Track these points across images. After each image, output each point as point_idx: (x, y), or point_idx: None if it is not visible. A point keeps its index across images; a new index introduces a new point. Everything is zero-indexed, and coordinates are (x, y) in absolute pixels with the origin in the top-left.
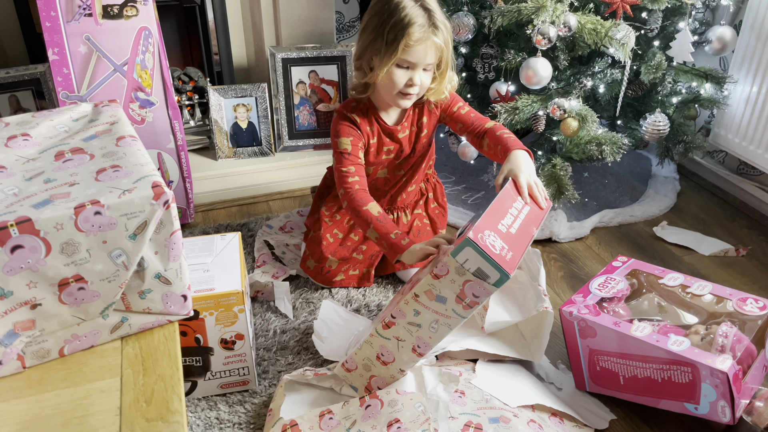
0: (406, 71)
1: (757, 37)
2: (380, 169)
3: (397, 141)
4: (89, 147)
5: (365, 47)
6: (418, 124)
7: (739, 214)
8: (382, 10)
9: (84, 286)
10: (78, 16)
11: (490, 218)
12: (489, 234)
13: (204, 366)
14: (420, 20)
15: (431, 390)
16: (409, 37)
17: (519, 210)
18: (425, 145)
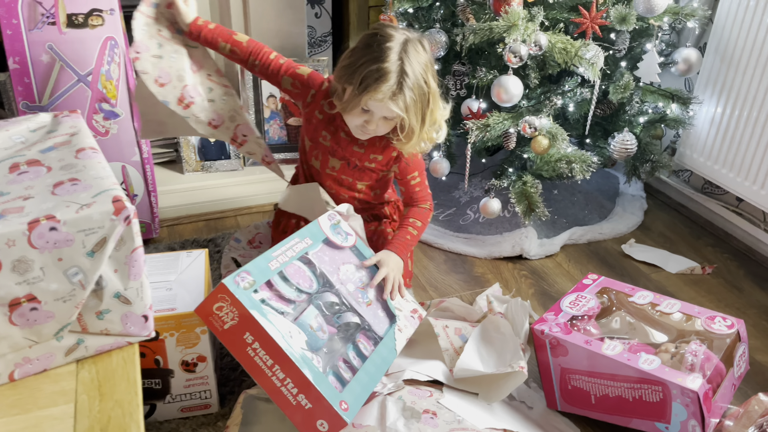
0: (364, 114)
1: (721, 59)
2: (314, 158)
3: (338, 136)
4: (46, 159)
5: (344, 73)
6: (370, 154)
7: (704, 232)
8: (370, 47)
9: (37, 306)
10: (41, 24)
11: None
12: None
13: (164, 389)
14: (391, 80)
15: (391, 423)
16: (375, 93)
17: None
18: (366, 173)
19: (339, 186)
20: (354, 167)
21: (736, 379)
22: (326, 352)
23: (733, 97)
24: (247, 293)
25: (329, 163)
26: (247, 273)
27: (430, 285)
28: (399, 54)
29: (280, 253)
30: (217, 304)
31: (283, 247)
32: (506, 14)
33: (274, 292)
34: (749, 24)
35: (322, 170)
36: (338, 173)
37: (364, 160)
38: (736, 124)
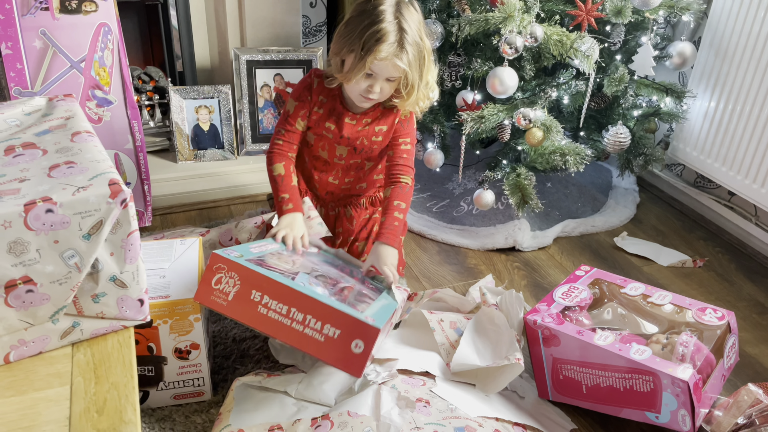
0: (368, 78)
1: (715, 53)
2: (321, 149)
3: (340, 124)
4: (42, 142)
5: (343, 43)
6: (375, 126)
7: (696, 226)
8: (365, 12)
9: (33, 288)
10: (34, 9)
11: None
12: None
13: (157, 376)
14: (391, 38)
15: (385, 412)
16: (378, 53)
17: (304, 321)
18: (373, 151)
19: (345, 173)
20: (361, 151)
21: (726, 370)
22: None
23: (726, 92)
24: (240, 258)
25: (336, 152)
26: (232, 250)
27: (423, 276)
28: (394, 14)
29: (256, 245)
30: (216, 276)
31: (257, 243)
32: (502, 5)
33: (264, 265)
34: (744, 18)
35: (330, 160)
36: (346, 160)
37: (371, 134)
38: (729, 119)
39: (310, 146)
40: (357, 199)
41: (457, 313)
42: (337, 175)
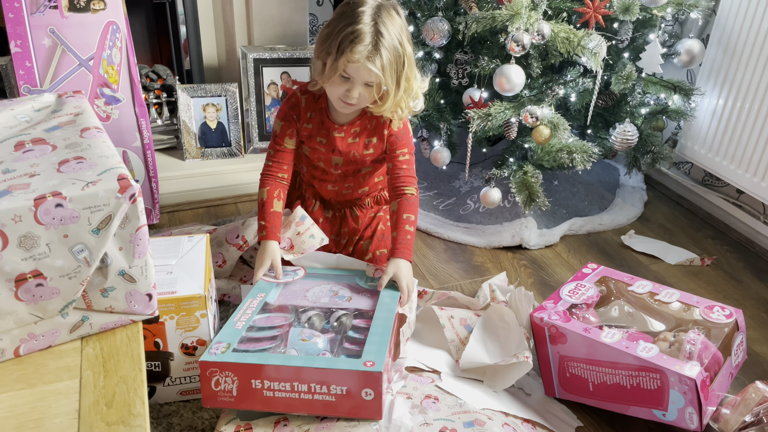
0: (345, 82)
1: (724, 50)
2: (317, 160)
3: (331, 138)
4: (51, 138)
5: (322, 46)
6: (365, 139)
7: (704, 224)
8: (344, 14)
9: (42, 282)
10: (43, 8)
11: (258, 371)
12: (226, 375)
13: (163, 371)
14: (366, 40)
15: (397, 417)
16: (351, 54)
17: (310, 390)
18: (366, 162)
19: (344, 179)
20: (355, 160)
21: (734, 368)
22: (330, 347)
23: (735, 89)
24: (227, 354)
25: (332, 161)
26: (218, 343)
27: (429, 273)
28: (372, 16)
29: (240, 315)
30: (213, 380)
31: (240, 311)
32: (509, 2)
33: (252, 341)
34: (752, 16)
35: (327, 169)
36: (342, 168)
37: (361, 147)
38: (737, 117)
39: (308, 157)
40: (362, 200)
41: (468, 310)
42: (336, 182)
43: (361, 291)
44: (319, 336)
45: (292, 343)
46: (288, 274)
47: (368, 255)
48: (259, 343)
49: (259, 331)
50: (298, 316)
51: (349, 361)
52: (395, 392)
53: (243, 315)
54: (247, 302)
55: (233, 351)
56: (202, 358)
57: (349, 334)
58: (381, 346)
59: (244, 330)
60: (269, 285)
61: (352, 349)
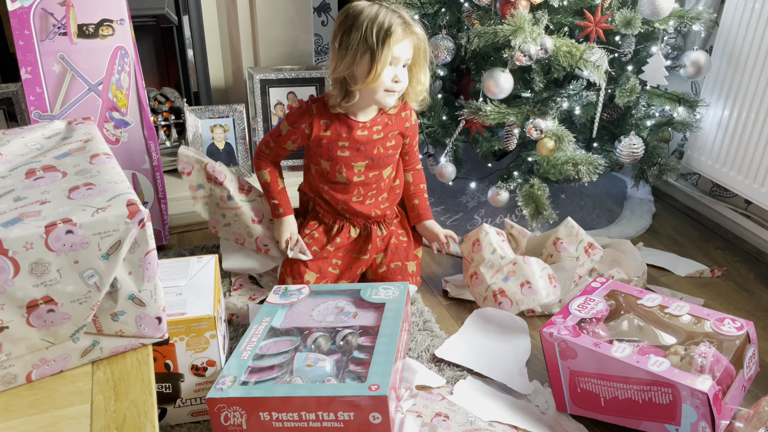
0: (390, 68)
1: (728, 61)
2: (338, 173)
3: (354, 137)
4: (62, 165)
5: (349, 62)
6: (389, 133)
7: (713, 235)
8: (356, 24)
9: (54, 308)
10: (52, 35)
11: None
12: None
13: (174, 393)
14: (397, 20)
15: None
16: (396, 36)
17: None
18: (389, 157)
19: (367, 188)
20: (378, 159)
21: (746, 380)
22: (336, 371)
23: (740, 100)
24: (233, 389)
25: (355, 169)
26: (224, 377)
27: (438, 289)
28: (378, 8)
29: (245, 344)
30: (222, 415)
31: (246, 340)
32: (512, 18)
33: (258, 371)
34: (755, 26)
35: (350, 180)
36: (365, 174)
37: (385, 141)
38: (743, 127)
39: (327, 174)
40: (384, 216)
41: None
42: (359, 193)
43: (367, 306)
44: (325, 359)
45: (297, 371)
46: (293, 294)
47: (383, 268)
48: (265, 372)
49: (265, 359)
50: (304, 339)
51: (354, 386)
52: (405, 410)
53: (248, 343)
54: (252, 329)
55: (240, 384)
56: (209, 395)
57: (355, 354)
58: (386, 366)
59: (250, 360)
60: (275, 308)
61: (358, 372)
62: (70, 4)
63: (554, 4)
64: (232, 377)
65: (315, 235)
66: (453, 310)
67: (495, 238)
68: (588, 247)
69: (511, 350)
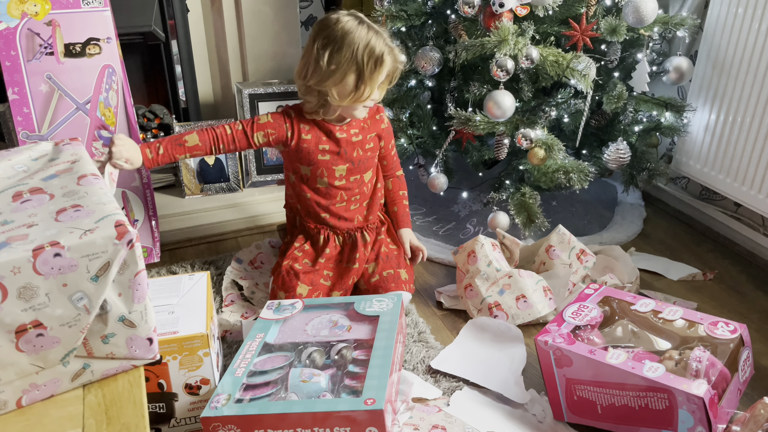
0: (378, 87)
1: (712, 66)
2: (319, 178)
3: (334, 140)
4: (49, 187)
5: (337, 79)
6: (367, 135)
7: (704, 238)
8: (346, 43)
9: (43, 332)
10: (39, 55)
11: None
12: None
13: (168, 412)
14: (386, 48)
15: None
16: (385, 64)
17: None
18: (368, 159)
19: (349, 192)
20: (359, 163)
21: (742, 383)
22: (331, 386)
23: (726, 104)
24: (228, 407)
25: (336, 173)
26: (218, 395)
27: (432, 300)
28: (367, 30)
29: (239, 361)
30: None
31: (240, 356)
32: (497, 29)
33: (253, 388)
34: (738, 31)
35: (331, 183)
36: (347, 178)
37: (365, 143)
38: (730, 130)
39: (308, 180)
40: (368, 222)
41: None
42: (342, 198)
43: (361, 319)
44: (320, 374)
45: (292, 387)
46: (286, 309)
47: (375, 277)
48: (260, 389)
49: (259, 375)
50: (299, 354)
51: (349, 401)
52: (402, 423)
53: (242, 360)
54: (246, 345)
55: (235, 402)
56: (204, 414)
57: (350, 368)
58: (381, 380)
59: (244, 377)
60: (268, 323)
61: (353, 386)
62: (57, 24)
63: (539, 14)
64: (226, 395)
65: (305, 248)
66: (448, 320)
67: (490, 250)
68: (580, 253)
69: (506, 359)
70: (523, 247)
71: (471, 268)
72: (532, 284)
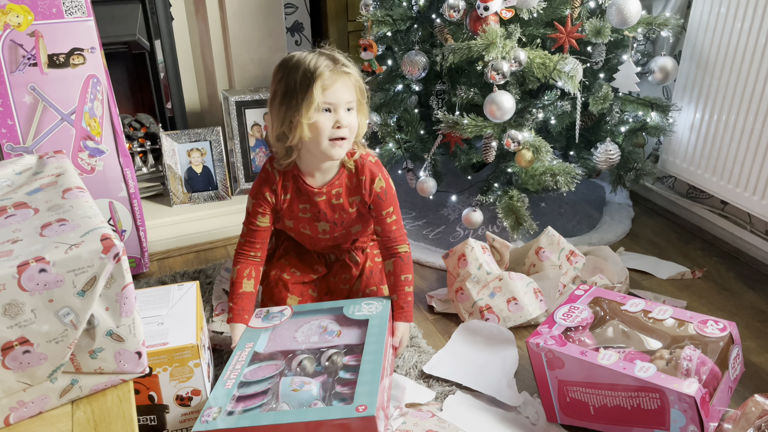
0: (329, 115)
1: (696, 66)
2: (302, 229)
3: (313, 204)
4: (33, 201)
5: (283, 114)
6: (348, 198)
7: (692, 236)
8: (284, 74)
9: (29, 348)
10: (22, 66)
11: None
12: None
13: (159, 425)
14: (325, 63)
15: None
16: (322, 79)
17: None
18: (353, 222)
19: (335, 240)
20: (341, 223)
21: (732, 381)
22: (323, 393)
23: (711, 102)
24: (220, 419)
25: (319, 228)
26: (209, 408)
27: (422, 303)
28: (312, 55)
29: (229, 372)
30: None
31: (230, 367)
32: (484, 33)
33: (244, 399)
34: (721, 31)
35: (314, 235)
36: (330, 233)
37: (346, 207)
38: (715, 129)
39: (290, 229)
40: (356, 246)
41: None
42: (326, 244)
43: (350, 323)
44: (311, 382)
45: (283, 396)
46: (275, 317)
47: (359, 294)
48: (251, 400)
49: (250, 386)
50: (289, 363)
51: (341, 408)
52: (395, 429)
53: (232, 371)
54: (235, 356)
55: (227, 414)
56: (195, 429)
57: (341, 375)
58: (372, 385)
59: (235, 388)
60: (257, 332)
61: (344, 393)
62: (40, 34)
63: (524, 17)
64: (217, 408)
65: (292, 256)
66: (439, 324)
67: (480, 253)
68: (570, 254)
69: (499, 362)
70: (512, 249)
71: (462, 271)
72: (522, 286)
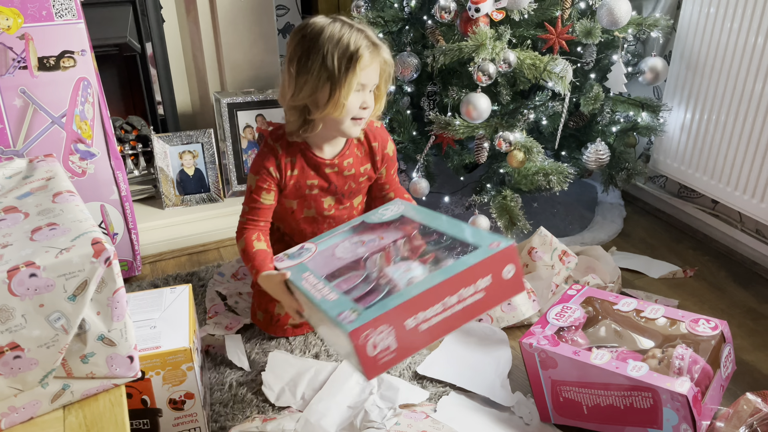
0: (359, 95)
1: (686, 66)
2: (306, 209)
3: (323, 175)
4: (23, 205)
5: (310, 89)
6: (360, 168)
7: (684, 236)
8: (316, 46)
9: (20, 354)
10: (12, 69)
11: (408, 307)
12: (381, 331)
13: (152, 429)
14: (364, 42)
15: None
16: (363, 60)
17: (460, 299)
18: (361, 190)
19: (338, 219)
20: (349, 194)
21: (724, 380)
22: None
23: (701, 102)
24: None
25: (324, 205)
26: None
27: None
28: (341, 26)
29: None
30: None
31: (312, 294)
32: (474, 34)
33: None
34: (711, 31)
35: (319, 214)
36: (336, 207)
37: (358, 176)
38: (706, 129)
39: (293, 212)
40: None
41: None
42: (330, 224)
43: (383, 227)
44: (410, 264)
45: (398, 280)
46: (302, 254)
47: None
48: (371, 296)
49: (356, 289)
50: (364, 267)
51: (476, 253)
52: (389, 429)
53: (318, 293)
54: (305, 288)
55: (366, 309)
56: (351, 327)
57: (427, 249)
58: (479, 231)
59: (342, 295)
60: (300, 266)
61: (460, 250)
62: (30, 37)
63: (515, 18)
64: (350, 310)
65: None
66: None
67: None
68: (562, 254)
69: (492, 363)
70: None
71: None
72: None
